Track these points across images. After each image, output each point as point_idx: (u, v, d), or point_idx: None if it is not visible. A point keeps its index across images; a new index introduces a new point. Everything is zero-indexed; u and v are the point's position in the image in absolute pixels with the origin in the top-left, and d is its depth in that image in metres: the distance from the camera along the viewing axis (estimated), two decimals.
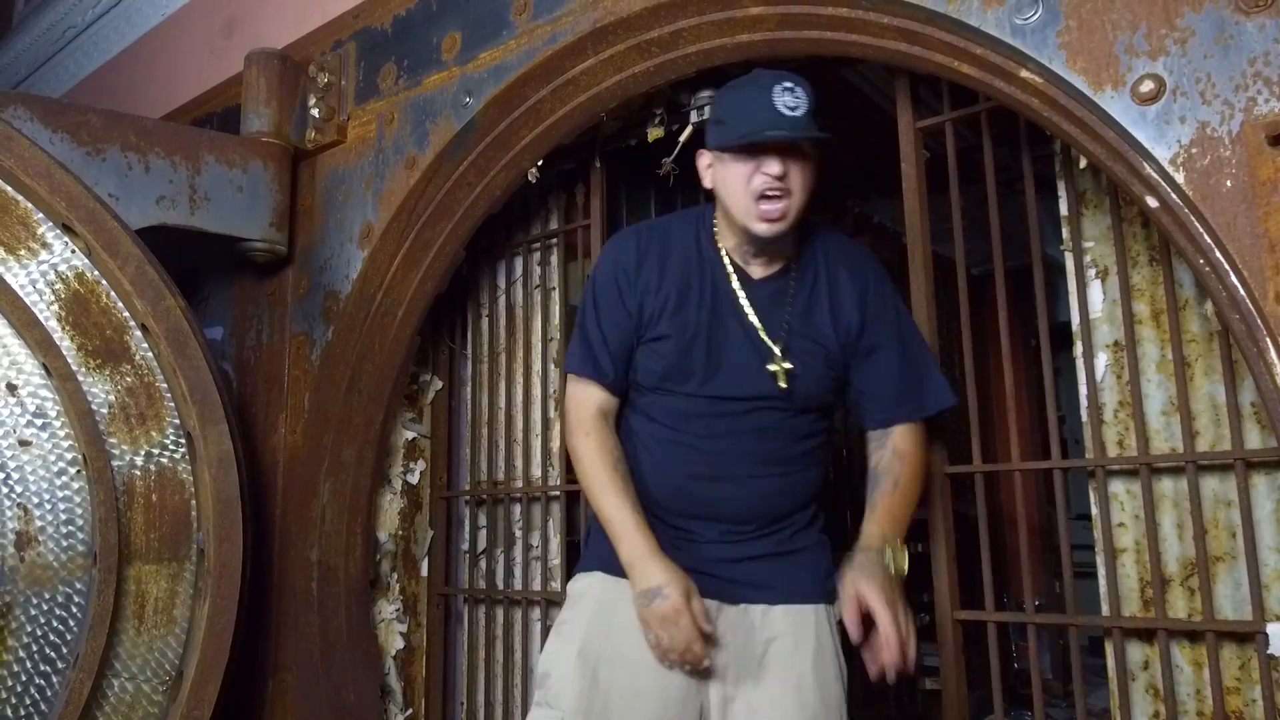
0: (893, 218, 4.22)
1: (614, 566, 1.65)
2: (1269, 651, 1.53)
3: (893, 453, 1.69)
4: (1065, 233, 1.87)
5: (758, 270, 1.68)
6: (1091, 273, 1.85)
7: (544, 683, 1.64)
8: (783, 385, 1.62)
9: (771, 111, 1.52)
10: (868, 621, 1.54)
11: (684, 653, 1.53)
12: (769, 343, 1.64)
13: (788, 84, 1.53)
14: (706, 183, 1.67)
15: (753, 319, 1.65)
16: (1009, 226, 1.98)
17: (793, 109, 1.51)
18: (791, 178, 1.55)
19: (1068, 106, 1.50)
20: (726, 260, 1.68)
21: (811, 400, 1.68)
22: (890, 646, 1.51)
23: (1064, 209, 1.87)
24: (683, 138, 2.42)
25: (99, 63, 3.90)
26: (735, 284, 1.66)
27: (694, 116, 2.36)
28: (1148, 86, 1.39)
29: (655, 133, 2.47)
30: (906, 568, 1.61)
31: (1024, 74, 1.55)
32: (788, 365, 1.62)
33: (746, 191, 1.56)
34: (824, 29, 1.84)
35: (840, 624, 1.64)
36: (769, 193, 1.54)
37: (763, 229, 1.57)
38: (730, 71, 2.29)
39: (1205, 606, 1.62)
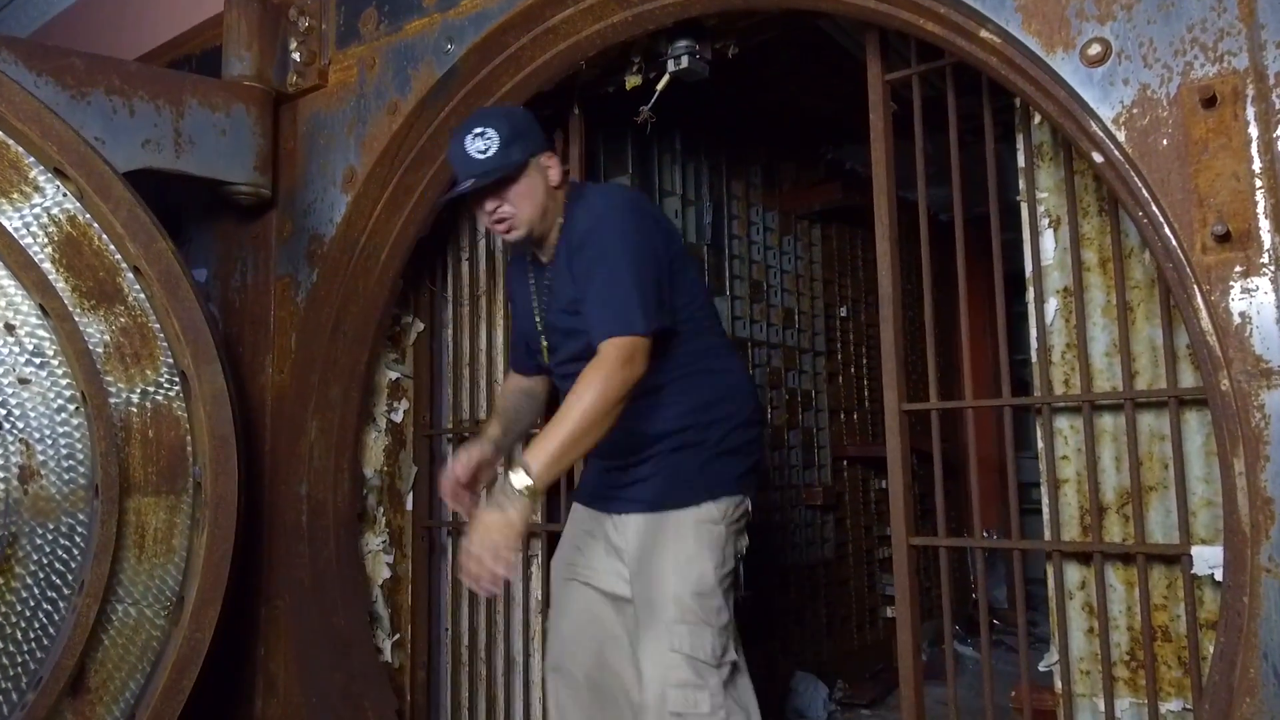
0: (864, 163, 4.31)
1: (576, 493, 2.07)
2: (1193, 572, 1.67)
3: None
4: (1021, 184, 1.97)
5: (542, 257, 1.98)
6: (1044, 222, 1.95)
7: None
8: (545, 360, 1.98)
9: (468, 161, 1.82)
10: None
11: None
12: (537, 318, 1.98)
13: (477, 130, 1.83)
14: None
15: (534, 300, 1.99)
16: (975, 173, 2.08)
17: (484, 151, 1.81)
18: (508, 201, 1.85)
19: (1023, 66, 1.59)
20: (528, 255, 2.03)
21: (583, 354, 1.80)
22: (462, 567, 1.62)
23: (1021, 161, 1.97)
24: (660, 86, 2.48)
25: (68, 3, 3.85)
26: (531, 273, 2.01)
27: (671, 65, 2.41)
28: (1095, 49, 1.49)
29: (633, 81, 2.52)
30: (523, 484, 1.62)
31: (983, 34, 1.64)
32: (544, 341, 1.98)
33: (485, 223, 1.92)
34: None
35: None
36: (494, 220, 1.88)
37: (507, 240, 1.93)
38: (706, 22, 2.36)
39: (1138, 531, 1.76)
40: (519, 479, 1.60)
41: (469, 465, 1.91)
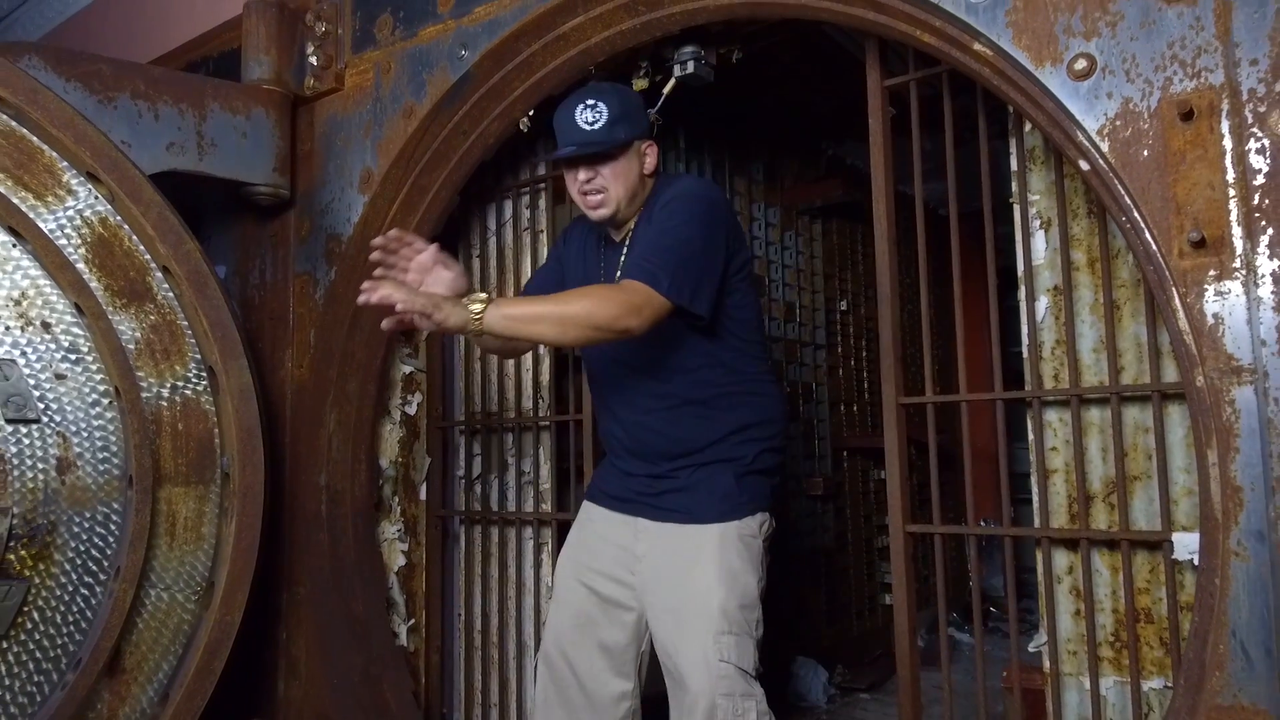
0: (864, 160, 4.37)
1: (590, 492, 2.08)
2: (1174, 557, 1.76)
3: None
4: (1014, 186, 2.06)
5: (615, 237, 2.02)
6: (1036, 223, 2.04)
7: None
8: None
9: (573, 129, 1.88)
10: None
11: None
12: None
13: (589, 101, 1.88)
14: None
15: (597, 276, 2.01)
16: (971, 169, 2.14)
17: (591, 123, 1.87)
18: (602, 175, 1.90)
19: (1014, 78, 1.68)
20: (599, 233, 2.06)
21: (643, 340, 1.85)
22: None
23: (1014, 164, 2.06)
24: (666, 89, 2.56)
25: (85, 3, 3.92)
26: (601, 251, 2.04)
27: (677, 70, 2.50)
28: (1081, 64, 1.57)
29: (640, 84, 2.60)
30: (474, 314, 1.69)
31: (976, 46, 1.72)
32: None
33: (575, 192, 1.95)
34: None
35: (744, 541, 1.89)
36: (584, 191, 1.92)
37: (592, 216, 1.96)
38: (711, 29, 2.44)
39: (1122, 519, 1.84)
40: (478, 300, 1.69)
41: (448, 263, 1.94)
